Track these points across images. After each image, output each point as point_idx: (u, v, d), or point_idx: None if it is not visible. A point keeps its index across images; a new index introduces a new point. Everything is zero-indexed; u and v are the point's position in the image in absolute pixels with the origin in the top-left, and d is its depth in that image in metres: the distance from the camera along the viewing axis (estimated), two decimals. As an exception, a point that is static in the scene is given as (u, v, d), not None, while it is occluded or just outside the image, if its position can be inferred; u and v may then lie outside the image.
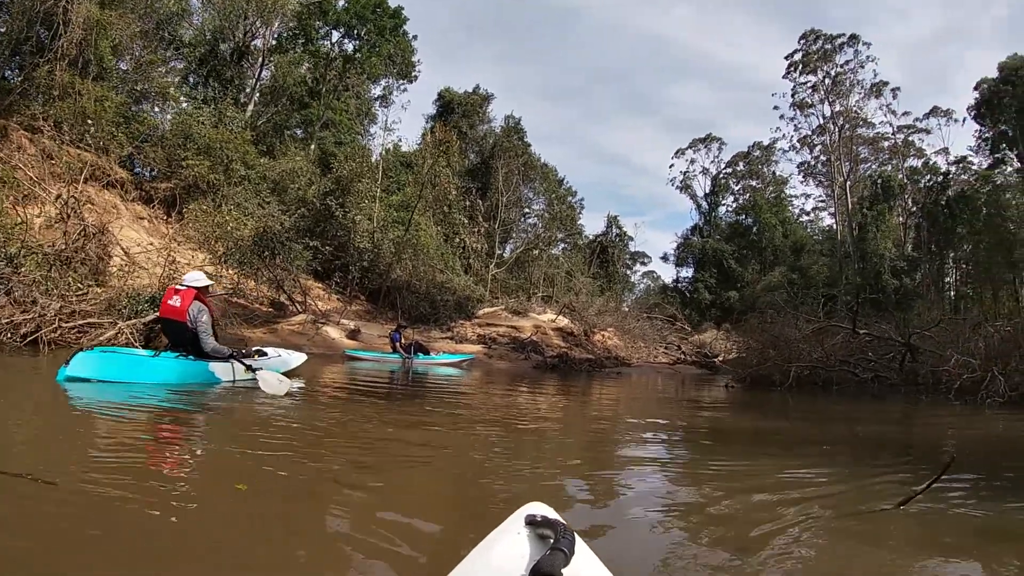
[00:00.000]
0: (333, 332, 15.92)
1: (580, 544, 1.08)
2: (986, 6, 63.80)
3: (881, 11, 69.13)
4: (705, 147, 52.88)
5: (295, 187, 22.65)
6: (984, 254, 28.78)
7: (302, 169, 23.40)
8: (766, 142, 49.41)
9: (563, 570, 0.94)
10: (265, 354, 7.26)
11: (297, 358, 8.33)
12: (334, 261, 22.23)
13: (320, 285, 22.62)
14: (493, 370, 14.75)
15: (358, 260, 21.60)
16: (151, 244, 17.15)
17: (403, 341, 14.26)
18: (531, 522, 1.15)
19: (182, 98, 24.10)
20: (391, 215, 24.53)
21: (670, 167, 63.32)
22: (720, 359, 21.59)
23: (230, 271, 17.81)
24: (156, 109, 23.03)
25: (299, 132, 30.43)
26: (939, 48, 62.91)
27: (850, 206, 38.80)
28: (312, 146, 29.32)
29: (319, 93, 30.22)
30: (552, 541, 1.05)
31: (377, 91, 34.14)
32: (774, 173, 50.20)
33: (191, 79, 27.05)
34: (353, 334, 16.08)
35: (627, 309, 31.78)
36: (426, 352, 14.28)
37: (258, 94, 29.60)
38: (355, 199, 22.17)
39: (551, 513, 1.21)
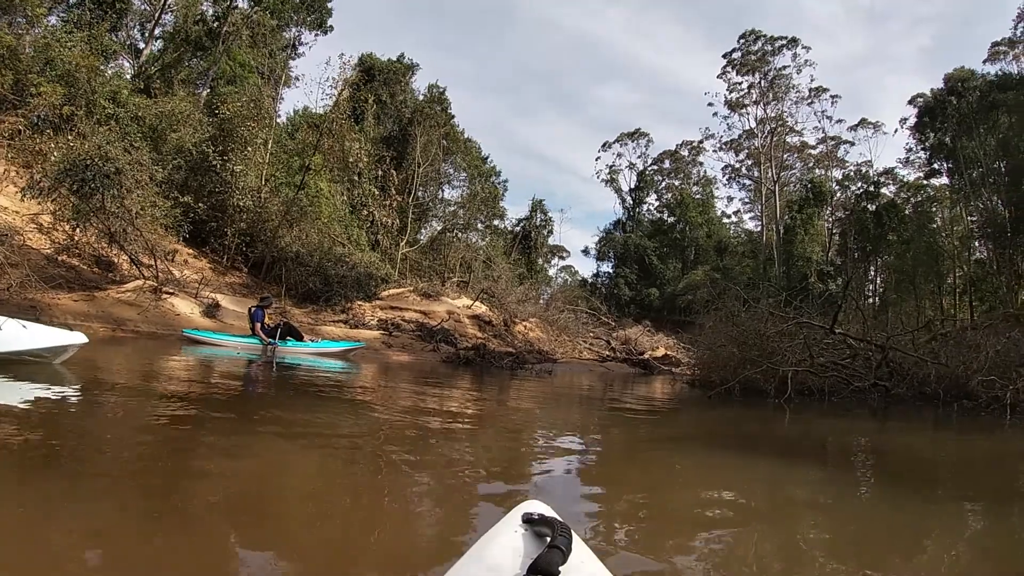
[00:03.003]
0: (183, 306, 12.23)
1: (577, 542, 1.02)
2: (910, 35, 66.48)
3: (808, 29, 71.14)
4: (633, 142, 51.76)
5: (176, 136, 18.45)
6: (911, 263, 28.77)
7: (186, 114, 19.10)
8: (695, 141, 48.94)
9: (560, 568, 0.91)
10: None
11: (43, 337, 4.93)
12: (209, 223, 18.37)
13: (192, 251, 18.67)
14: (391, 364, 11.65)
15: (235, 221, 17.78)
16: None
17: (267, 321, 10.76)
18: (528, 520, 1.11)
19: (51, 18, 19.63)
20: (288, 178, 20.74)
21: (596, 159, 62.49)
22: (647, 355, 19.61)
23: (65, 223, 13.73)
24: (14, 28, 18.26)
25: (201, 89, 25.82)
26: (861, 70, 65.12)
27: (778, 210, 38.53)
28: (205, 91, 24.84)
29: (219, 35, 25.62)
30: (549, 539, 1.01)
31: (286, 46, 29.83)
32: (704, 173, 49.79)
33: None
34: (210, 310, 12.47)
35: (544, 302, 29.35)
36: (298, 337, 10.86)
37: (159, 41, 25.24)
38: (238, 146, 18.26)
39: (548, 511, 1.16)
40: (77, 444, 3.08)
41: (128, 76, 22.05)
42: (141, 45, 25.80)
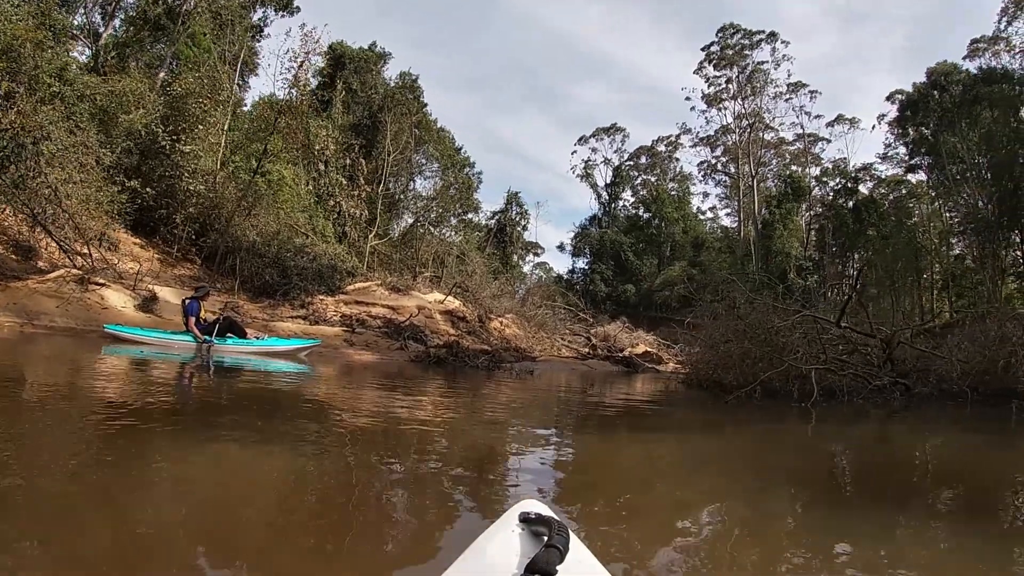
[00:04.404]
0: (115, 298, 10.80)
1: (574, 541, 1.00)
2: (885, 35, 66.47)
3: (786, 28, 71.13)
4: (609, 137, 50.99)
5: (128, 118, 16.88)
6: (890, 259, 28.41)
7: (138, 94, 17.48)
8: (671, 136, 48.38)
9: (558, 567, 0.89)
10: None
11: None
12: (158, 209, 16.91)
13: (139, 240, 17.15)
14: (353, 364, 10.40)
15: (185, 207, 16.33)
16: None
17: (203, 315, 9.36)
18: (525, 519, 1.09)
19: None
20: (248, 164, 19.24)
21: (572, 154, 61.61)
22: (628, 352, 18.68)
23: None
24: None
25: (161, 71, 24.07)
26: (835, 70, 65.14)
27: (756, 205, 38.06)
28: (161, 74, 23.10)
29: (179, 14, 23.85)
30: (546, 538, 0.98)
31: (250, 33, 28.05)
32: (680, 169, 49.25)
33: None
34: (146, 303, 11.04)
35: (521, 297, 28.21)
36: (241, 334, 9.48)
37: (118, 21, 23.57)
38: (189, 124, 16.82)
39: (545, 510, 1.13)
40: None
41: (83, 58, 20.45)
42: (102, 30, 24.16)
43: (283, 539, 2.07)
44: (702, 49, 41.20)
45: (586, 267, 46.61)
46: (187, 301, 9.23)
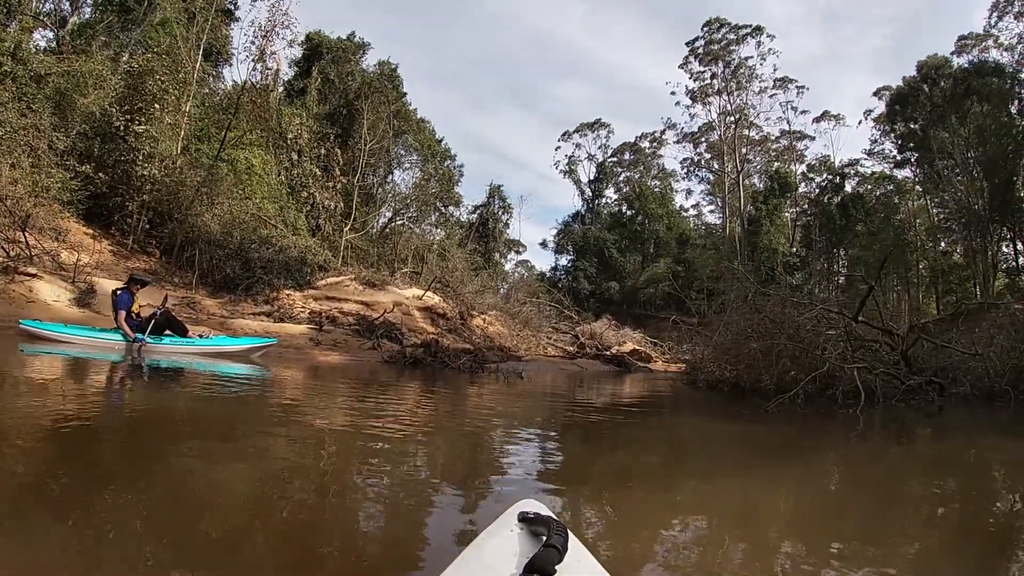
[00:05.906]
0: (47, 291, 9.53)
1: (573, 541, 0.99)
2: (864, 36, 66.20)
3: (767, 27, 70.70)
4: (593, 132, 50.24)
5: (85, 101, 15.55)
6: (877, 255, 27.95)
7: (96, 75, 16.10)
8: (655, 132, 47.72)
9: (556, 567, 0.88)
10: None
11: None
12: (112, 197, 15.61)
13: (90, 230, 15.81)
14: (319, 366, 9.25)
15: (140, 194, 15.03)
16: None
17: (136, 309, 8.11)
18: (524, 519, 1.09)
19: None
20: (211, 150, 17.91)
21: (556, 149, 60.70)
22: (616, 351, 17.83)
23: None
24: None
25: (125, 54, 22.64)
26: (816, 70, 65.11)
27: (742, 202, 37.49)
28: (125, 56, 21.58)
29: None
30: (545, 538, 0.98)
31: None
32: (663, 166, 48.63)
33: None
34: (84, 297, 9.77)
35: (504, 293, 27.13)
36: (180, 332, 8.26)
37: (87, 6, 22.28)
38: (146, 104, 15.53)
39: (543, 510, 1.14)
40: None
41: (48, 44, 19.16)
42: (70, 17, 22.77)
43: (265, 551, 1.89)
44: (687, 44, 40.58)
45: (569, 264, 45.82)
46: (117, 292, 7.96)
